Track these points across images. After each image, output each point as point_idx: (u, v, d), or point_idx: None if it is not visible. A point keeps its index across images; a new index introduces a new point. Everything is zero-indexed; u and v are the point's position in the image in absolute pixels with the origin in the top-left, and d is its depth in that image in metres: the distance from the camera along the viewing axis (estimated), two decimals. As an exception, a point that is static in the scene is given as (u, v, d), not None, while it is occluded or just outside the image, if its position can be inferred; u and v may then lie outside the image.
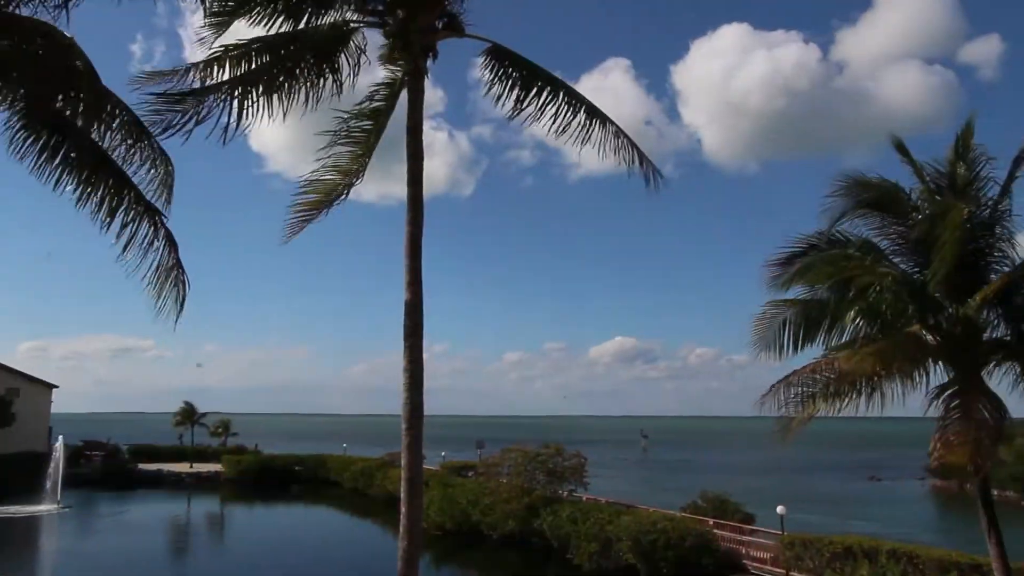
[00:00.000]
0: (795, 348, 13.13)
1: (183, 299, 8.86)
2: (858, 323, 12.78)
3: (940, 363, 12.79)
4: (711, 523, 31.23)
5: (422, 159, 9.65)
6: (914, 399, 12.81)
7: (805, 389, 12.88)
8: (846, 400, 12.67)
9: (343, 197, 10.57)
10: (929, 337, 12.78)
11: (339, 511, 54.06)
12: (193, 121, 9.06)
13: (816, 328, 12.99)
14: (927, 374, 12.82)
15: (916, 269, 13.18)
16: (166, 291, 8.82)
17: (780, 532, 28.62)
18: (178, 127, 9.01)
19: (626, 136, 10.77)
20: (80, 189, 8.61)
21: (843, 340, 12.95)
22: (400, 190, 10.55)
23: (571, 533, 33.46)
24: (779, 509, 29.68)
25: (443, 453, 64.53)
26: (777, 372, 13.53)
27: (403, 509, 9.04)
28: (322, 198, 10.48)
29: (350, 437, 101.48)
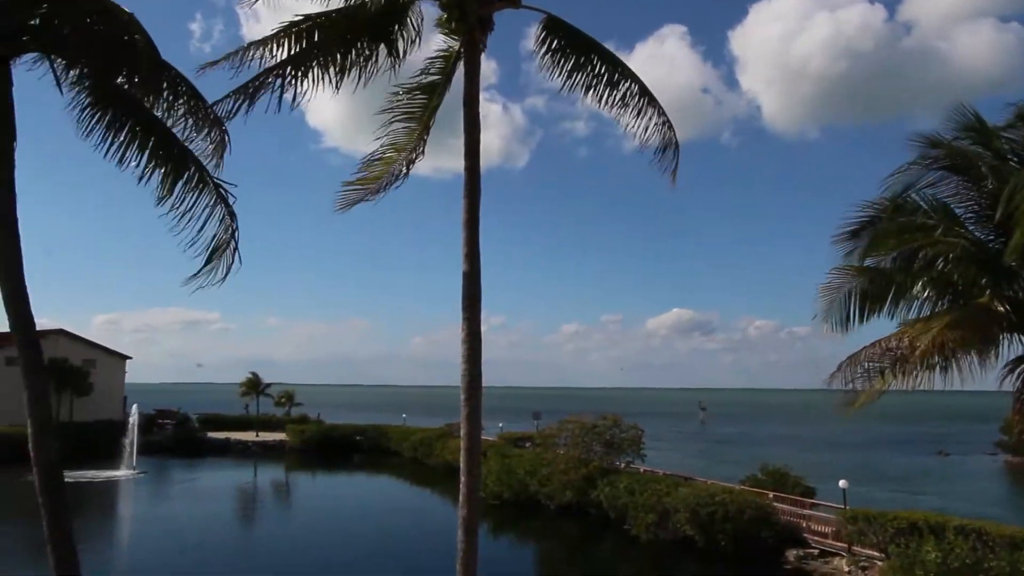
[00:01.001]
0: (861, 319, 12.73)
1: (227, 273, 9.06)
2: (928, 294, 12.32)
3: (1015, 335, 12.29)
4: (771, 496, 30.90)
5: (479, 131, 9.62)
6: (987, 372, 12.36)
7: (873, 364, 12.51)
8: (916, 374, 12.27)
9: (404, 174, 10.61)
10: (1002, 308, 12.27)
11: (399, 480, 55.20)
12: (252, 102, 9.19)
13: (883, 298, 12.55)
14: (1000, 347, 12.34)
15: (991, 237, 12.62)
16: (215, 262, 9.02)
17: (842, 506, 28.16)
18: (238, 108, 9.17)
19: (668, 122, 10.54)
20: (143, 164, 8.85)
21: (912, 312, 12.52)
22: (454, 163, 10.64)
23: (628, 504, 33.55)
24: (841, 483, 29.21)
25: (500, 424, 65.15)
26: (840, 344, 13.15)
27: (462, 478, 9.16)
28: (381, 176, 10.55)
29: (409, 408, 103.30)
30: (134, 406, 63.10)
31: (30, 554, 26.87)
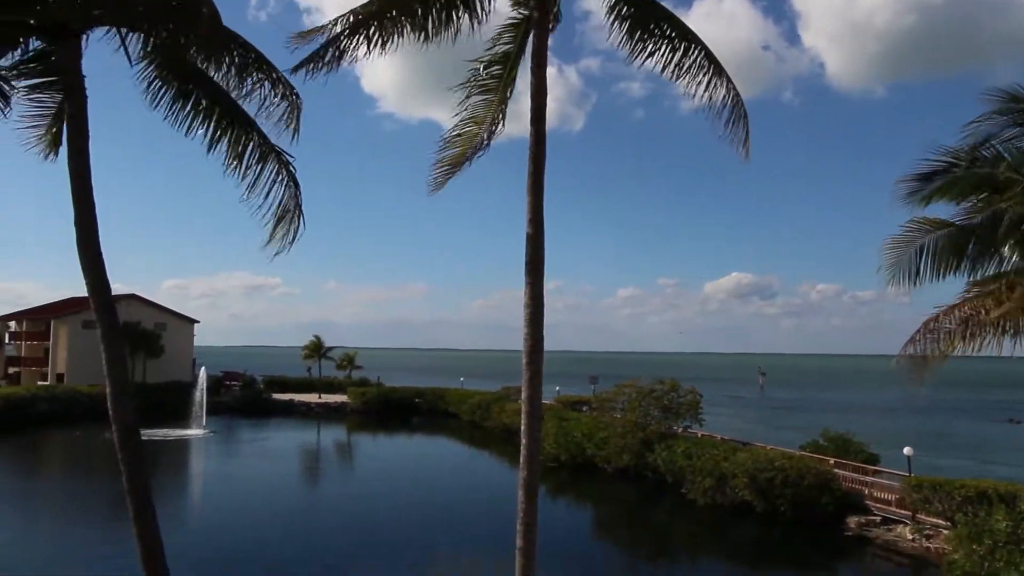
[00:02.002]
0: (936, 276, 12.16)
1: (294, 238, 9.24)
2: (1013, 258, 11.71)
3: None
4: (832, 463, 30.48)
5: (545, 96, 9.52)
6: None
7: (944, 327, 12.07)
8: (987, 339, 11.82)
9: (485, 145, 10.62)
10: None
11: (457, 442, 56.09)
12: (328, 67, 9.24)
13: (960, 256, 11.97)
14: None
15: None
16: (283, 229, 9.20)
17: (907, 474, 27.62)
18: (312, 70, 9.24)
19: (735, 91, 10.20)
20: (210, 133, 9.04)
21: (991, 272, 11.95)
22: (512, 128, 10.48)
23: (685, 468, 33.51)
24: (906, 450, 28.62)
25: (557, 388, 65.47)
26: (906, 308, 12.73)
27: (523, 441, 9.24)
28: (465, 151, 10.59)
29: (467, 372, 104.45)
30: (202, 368, 65.40)
31: (111, 507, 28.28)
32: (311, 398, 73.36)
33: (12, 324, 79.87)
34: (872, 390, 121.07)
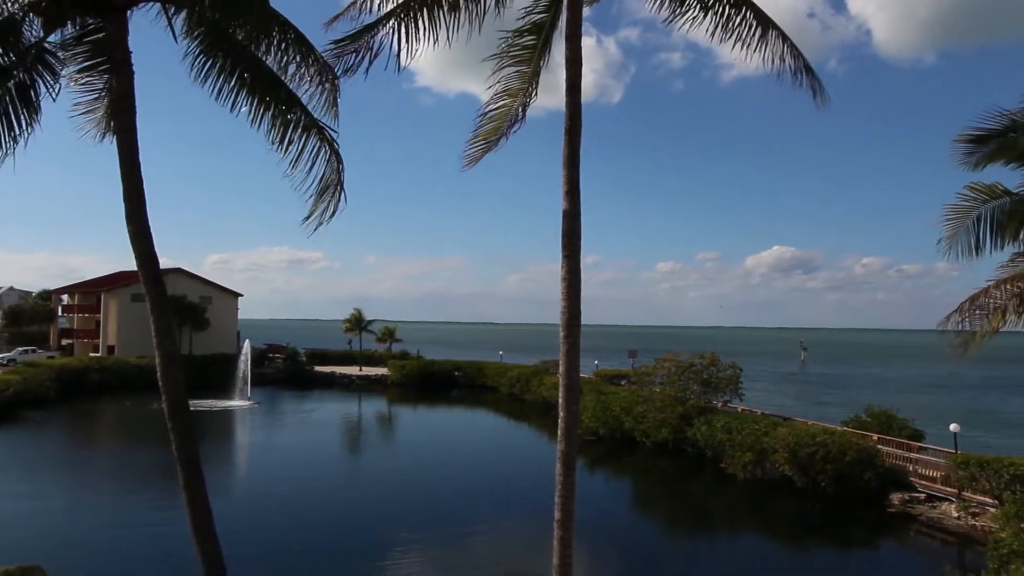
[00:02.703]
0: (997, 246, 11.67)
1: (334, 212, 9.33)
2: None
3: None
4: (875, 439, 30.07)
5: (580, 67, 9.41)
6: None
7: (994, 302, 11.74)
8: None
9: (520, 119, 10.57)
10: None
11: (497, 415, 56.51)
12: (367, 58, 9.27)
13: (1020, 226, 11.47)
14: None
15: None
16: (323, 203, 9.29)
17: (953, 451, 27.14)
18: (354, 67, 9.29)
19: (791, 43, 9.93)
20: (253, 109, 9.14)
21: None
22: (547, 100, 10.43)
23: (725, 443, 33.38)
24: (952, 427, 28.10)
25: (596, 362, 65.45)
26: (955, 282, 12.42)
27: (561, 414, 9.28)
28: (500, 125, 10.55)
29: (506, 345, 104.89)
30: (246, 341, 66.71)
31: (162, 474, 29.16)
32: (352, 371, 74.40)
33: (65, 297, 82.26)
34: (918, 366, 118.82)
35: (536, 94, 10.41)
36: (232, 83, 9.01)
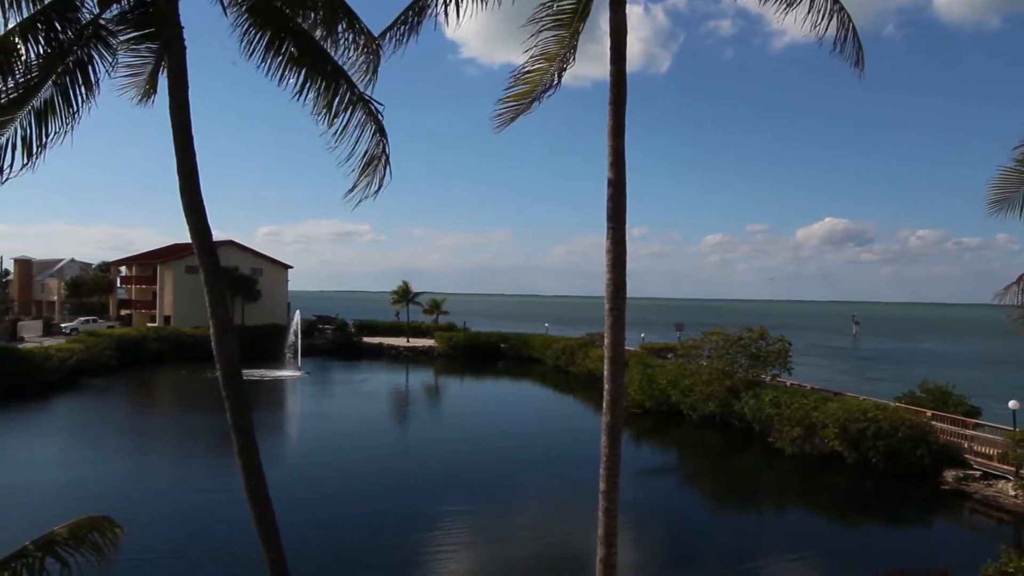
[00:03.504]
0: None
1: (380, 187, 9.37)
2: None
3: None
4: (929, 415, 29.43)
5: (625, 34, 9.26)
6: None
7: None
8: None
9: (555, 85, 10.44)
10: None
11: (542, 386, 56.78)
12: (416, 25, 9.28)
13: None
14: None
15: None
16: (367, 177, 9.34)
17: (1011, 428, 26.44)
18: (405, 38, 9.31)
19: (840, 5, 9.61)
20: (300, 83, 9.21)
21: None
22: (593, 69, 10.30)
23: (773, 417, 33.05)
24: (1011, 404, 27.33)
25: (642, 335, 65.12)
26: (1015, 255, 11.99)
27: (606, 386, 9.28)
28: (533, 88, 10.44)
29: (551, 318, 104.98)
30: (296, 312, 67.96)
31: (217, 441, 30.05)
32: (399, 342, 75.32)
33: (123, 269, 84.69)
34: (975, 341, 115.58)
35: (574, 60, 10.25)
36: (279, 57, 9.08)
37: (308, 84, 9.19)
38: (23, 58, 8.03)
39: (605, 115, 9.26)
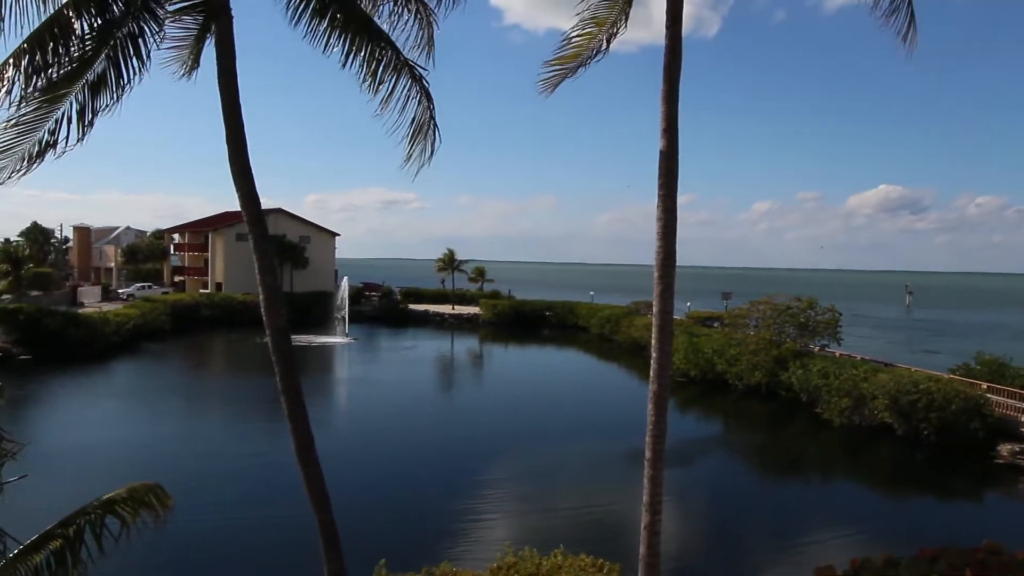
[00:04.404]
0: None
1: (432, 153, 9.37)
2: None
3: None
4: (984, 387, 28.70)
5: (682, -5, 9.05)
6: None
7: None
8: None
9: (603, 51, 10.23)
10: None
11: (587, 354, 56.75)
12: None
13: None
14: None
15: None
16: (418, 145, 9.33)
17: (1072, 401, 25.67)
18: (452, 4, 9.23)
19: None
20: (345, 50, 9.19)
21: None
22: (639, 35, 10.03)
23: (821, 387, 32.58)
24: (1072, 377, 26.51)
25: (688, 304, 64.58)
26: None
27: (653, 354, 9.21)
28: (581, 52, 10.24)
29: (596, 286, 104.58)
30: (344, 279, 68.82)
31: (267, 404, 30.78)
32: (445, 309, 75.88)
33: (176, 237, 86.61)
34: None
35: (626, 26, 10.01)
36: (324, 24, 9.07)
37: (353, 51, 9.17)
38: (77, 32, 8.15)
39: (656, 81, 9.07)
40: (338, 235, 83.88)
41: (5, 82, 7.62)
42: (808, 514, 21.71)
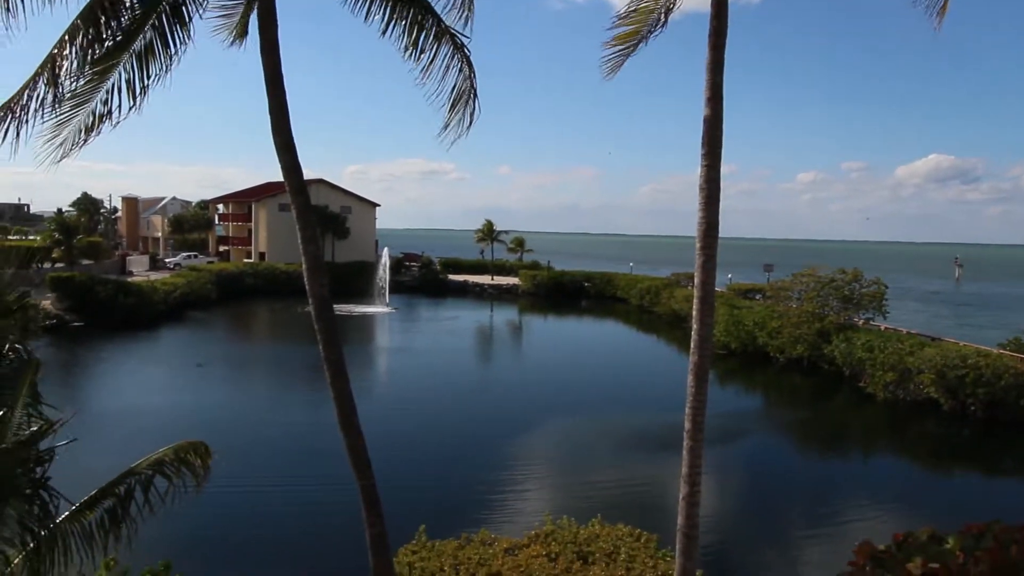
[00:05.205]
0: None
1: (471, 123, 9.34)
2: None
3: None
4: (1037, 363, 28.00)
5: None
6: None
7: None
8: None
9: (662, 23, 9.99)
10: None
11: (626, 326, 56.57)
12: None
13: None
14: None
15: None
16: (457, 114, 9.30)
17: None
18: None
19: None
20: (386, 18, 9.17)
21: None
22: (685, 3, 9.72)
23: (865, 361, 32.08)
24: None
25: (729, 276, 63.79)
26: None
27: (695, 326, 9.13)
28: (640, 29, 10.02)
29: (636, 258, 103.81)
30: (385, 249, 69.36)
31: (310, 371, 31.31)
32: (484, 279, 76.10)
33: (220, 207, 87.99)
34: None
35: None
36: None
37: (394, 18, 9.14)
38: (126, 4, 8.25)
39: (702, 48, 8.88)
40: (378, 205, 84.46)
41: (64, 59, 7.78)
42: (850, 489, 21.49)
